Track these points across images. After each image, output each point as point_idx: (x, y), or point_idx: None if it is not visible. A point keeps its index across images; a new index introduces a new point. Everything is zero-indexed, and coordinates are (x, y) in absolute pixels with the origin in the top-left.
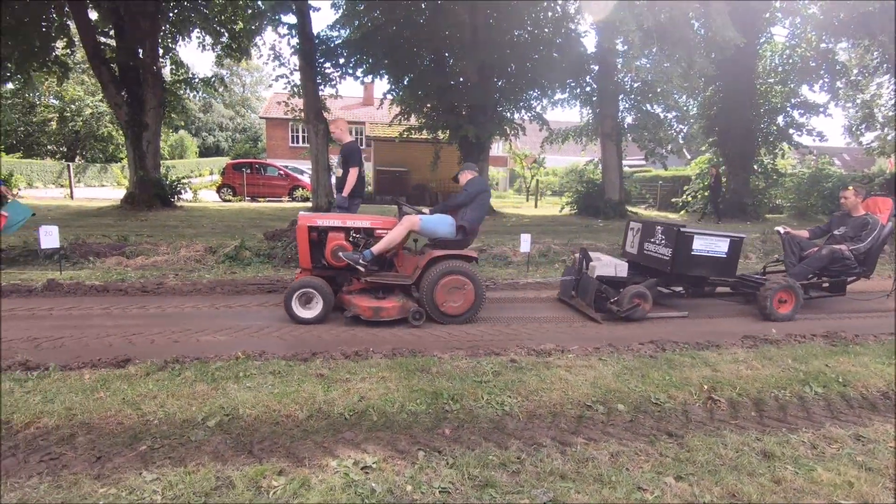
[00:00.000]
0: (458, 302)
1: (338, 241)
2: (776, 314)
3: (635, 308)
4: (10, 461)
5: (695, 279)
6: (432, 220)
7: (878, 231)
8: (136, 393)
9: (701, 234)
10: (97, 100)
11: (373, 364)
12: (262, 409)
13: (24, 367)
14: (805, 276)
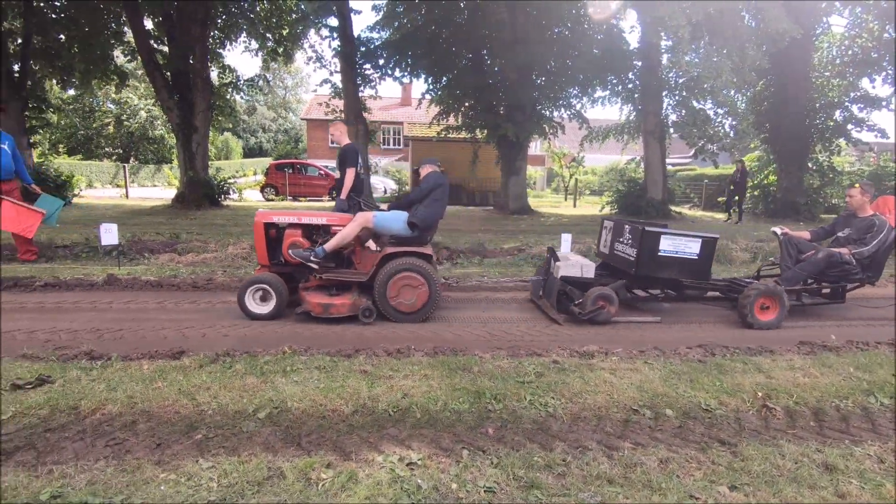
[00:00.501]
0: (411, 300)
1: (294, 237)
2: (758, 321)
3: (599, 311)
4: (79, 444)
5: (664, 282)
6: (385, 217)
7: (886, 233)
8: (190, 384)
9: (669, 234)
10: (150, 104)
11: (415, 362)
12: (309, 402)
13: (89, 356)
14: (797, 281)
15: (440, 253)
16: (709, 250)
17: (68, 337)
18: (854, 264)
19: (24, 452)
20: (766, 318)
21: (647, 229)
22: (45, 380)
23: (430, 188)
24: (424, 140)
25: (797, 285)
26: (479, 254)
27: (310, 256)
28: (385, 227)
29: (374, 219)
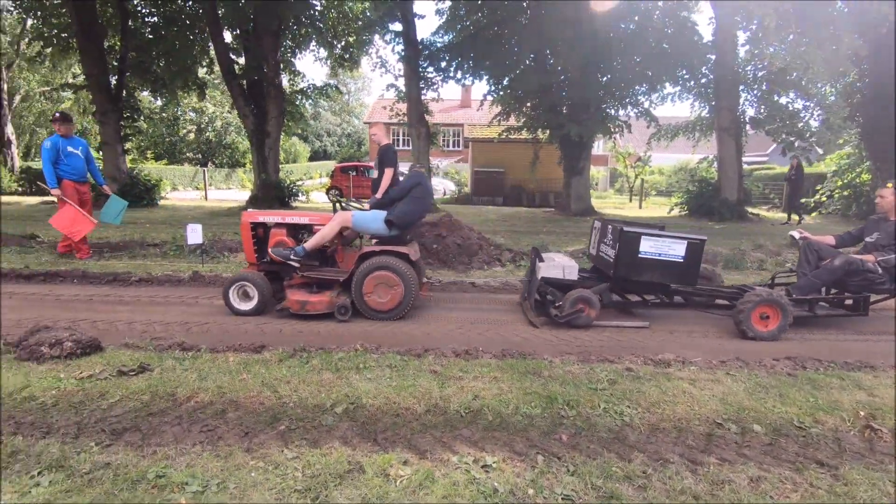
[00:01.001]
0: (385, 298)
1: (279, 237)
2: (756, 332)
3: (578, 314)
4: (177, 429)
5: (646, 285)
6: (364, 217)
7: None
8: (272, 376)
9: (650, 236)
10: (225, 111)
11: (483, 364)
12: (383, 400)
13: (182, 347)
14: (811, 290)
15: (503, 254)
16: (695, 253)
17: (161, 329)
18: (879, 273)
19: (131, 434)
20: (766, 328)
21: (625, 229)
22: (145, 367)
23: (410, 186)
24: (484, 141)
25: (810, 294)
26: None
27: (290, 255)
28: (363, 227)
29: (353, 218)
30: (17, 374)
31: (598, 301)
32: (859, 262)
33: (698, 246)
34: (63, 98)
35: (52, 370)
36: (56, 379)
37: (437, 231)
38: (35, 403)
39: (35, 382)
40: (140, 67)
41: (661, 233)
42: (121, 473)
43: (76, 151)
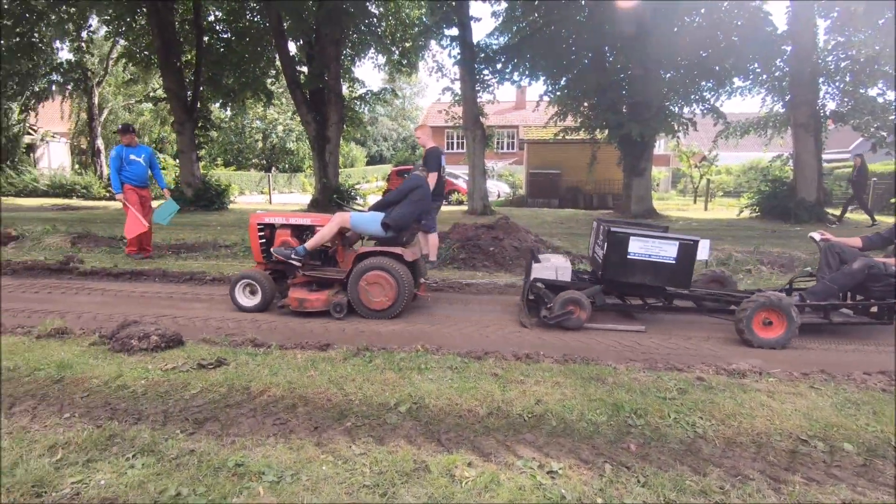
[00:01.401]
0: (379, 297)
1: (284, 237)
2: (758, 339)
3: (567, 315)
4: (252, 421)
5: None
6: (362, 218)
7: None
8: (338, 374)
9: (640, 236)
10: (287, 118)
11: (545, 368)
12: (446, 401)
13: (254, 343)
14: (827, 295)
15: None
16: (688, 254)
17: (234, 325)
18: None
19: (212, 423)
20: (769, 335)
21: (612, 229)
22: (222, 362)
23: (408, 189)
24: (540, 143)
25: (827, 300)
26: None
27: (291, 255)
28: (361, 228)
29: (351, 219)
30: (111, 364)
31: (588, 303)
32: (881, 265)
33: (691, 247)
34: (143, 110)
35: (141, 361)
36: (144, 370)
37: (493, 234)
38: (127, 391)
39: (126, 372)
40: (213, 80)
41: (651, 233)
42: (204, 460)
43: (138, 159)
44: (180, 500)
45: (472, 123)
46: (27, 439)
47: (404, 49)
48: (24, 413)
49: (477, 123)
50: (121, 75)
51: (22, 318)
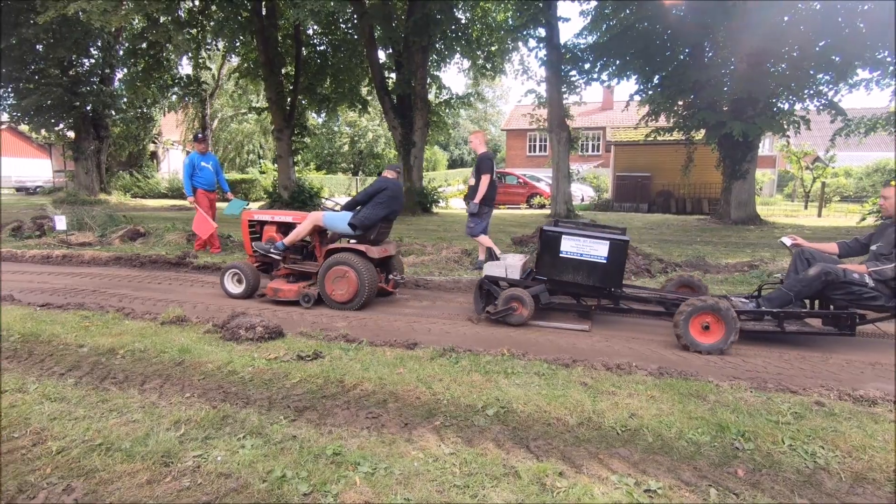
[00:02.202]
0: (342, 290)
1: (270, 232)
2: (696, 343)
3: (510, 311)
4: (347, 413)
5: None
6: (333, 217)
7: None
8: (425, 373)
9: (571, 235)
10: (375, 124)
11: (638, 380)
12: (534, 407)
13: (346, 339)
14: (783, 301)
15: (653, 265)
16: (619, 254)
17: (327, 320)
18: (869, 286)
19: (310, 412)
20: (707, 340)
21: (544, 228)
22: (318, 354)
23: (374, 191)
24: (628, 144)
25: (784, 307)
26: (698, 268)
27: (270, 249)
28: (333, 226)
29: (324, 218)
30: (223, 351)
31: (531, 301)
32: (840, 272)
33: (622, 246)
34: (248, 119)
35: (248, 350)
36: (251, 358)
37: None
38: (237, 377)
39: (236, 359)
40: (309, 90)
41: (583, 232)
42: (305, 446)
43: (208, 165)
44: (285, 482)
45: (557, 126)
46: (156, 414)
47: (490, 53)
48: (153, 390)
49: (562, 125)
50: (231, 88)
51: (149, 306)
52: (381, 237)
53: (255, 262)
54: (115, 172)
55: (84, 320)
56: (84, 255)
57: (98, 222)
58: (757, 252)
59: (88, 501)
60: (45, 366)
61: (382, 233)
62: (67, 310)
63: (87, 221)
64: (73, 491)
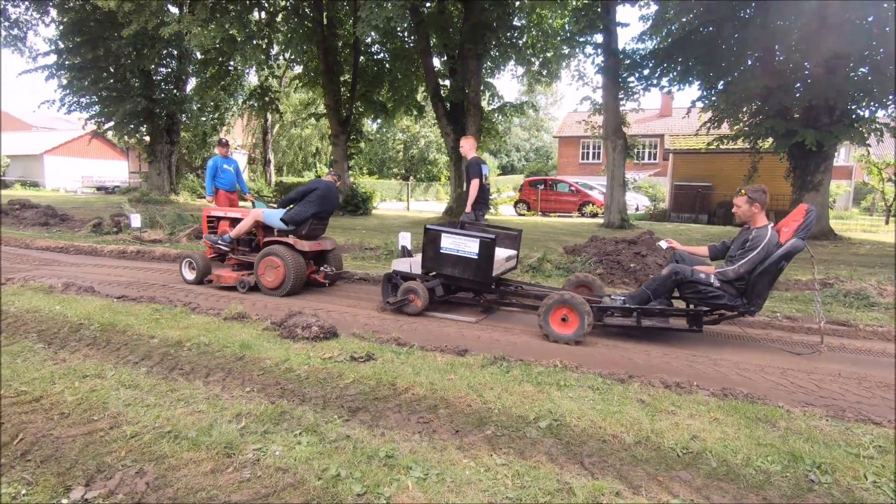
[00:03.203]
0: (271, 278)
1: (224, 227)
2: (555, 333)
3: (406, 302)
4: (398, 416)
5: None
6: (269, 214)
7: (763, 250)
8: (476, 381)
9: (450, 233)
10: (428, 130)
11: (699, 401)
12: (588, 422)
13: (397, 342)
14: (642, 299)
15: None
16: (487, 251)
17: (379, 323)
18: (714, 286)
19: (363, 413)
20: (564, 331)
21: (427, 226)
22: (371, 356)
23: (306, 191)
24: (688, 153)
25: (642, 304)
26: None
27: (217, 241)
28: (270, 222)
29: (263, 214)
30: (280, 348)
31: (426, 293)
32: (688, 272)
33: (489, 244)
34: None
35: (304, 349)
36: (307, 356)
37: (635, 249)
38: (293, 374)
39: (292, 357)
40: (366, 97)
41: (459, 231)
42: (358, 447)
43: (229, 168)
44: (340, 481)
45: (612, 133)
46: (219, 405)
47: (545, 59)
48: (217, 382)
49: (618, 133)
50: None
51: (212, 302)
52: (315, 233)
53: (212, 254)
54: (184, 174)
55: (155, 313)
56: (155, 252)
57: (168, 221)
58: (831, 270)
59: (159, 485)
60: (120, 354)
61: (316, 229)
62: (140, 302)
63: (159, 220)
64: (144, 474)
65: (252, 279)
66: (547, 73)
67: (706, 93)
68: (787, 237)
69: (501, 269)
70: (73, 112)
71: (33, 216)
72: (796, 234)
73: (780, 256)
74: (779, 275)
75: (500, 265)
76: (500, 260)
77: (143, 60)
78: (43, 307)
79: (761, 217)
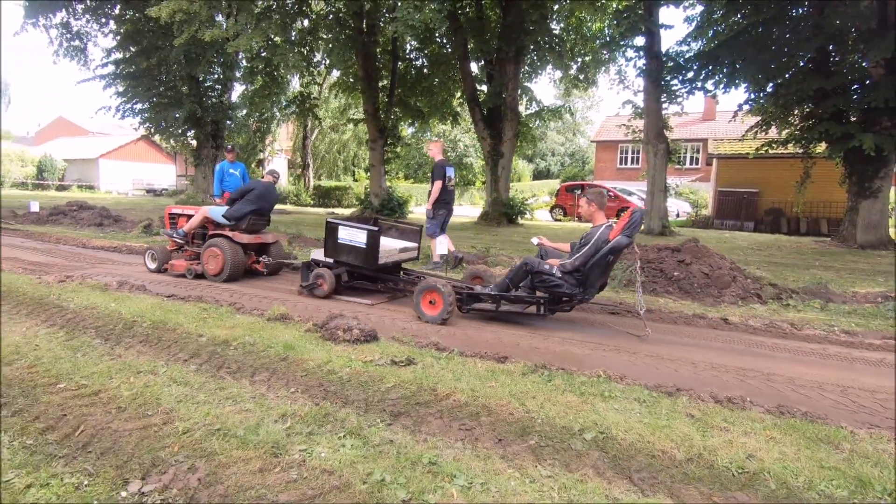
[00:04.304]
0: (212, 265)
1: (182, 222)
2: (423, 314)
3: (315, 285)
4: (440, 422)
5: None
6: (215, 210)
7: (594, 246)
8: (518, 389)
9: (345, 225)
10: (463, 133)
11: (754, 418)
12: (636, 436)
13: (437, 347)
14: (503, 287)
15: (764, 289)
16: (373, 241)
17: (417, 328)
18: (556, 276)
19: (405, 418)
20: (431, 312)
21: (328, 220)
22: (411, 361)
23: (245, 191)
24: (733, 157)
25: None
26: (819, 296)
27: (173, 234)
28: (215, 218)
29: (209, 211)
30: (322, 350)
31: (332, 279)
32: (536, 263)
33: (374, 235)
34: (345, 130)
35: (345, 351)
36: (348, 359)
37: (678, 257)
38: (335, 377)
39: (334, 359)
40: (403, 102)
41: (351, 223)
42: (402, 452)
43: (235, 172)
44: (384, 486)
45: (654, 137)
46: (265, 405)
47: (583, 63)
48: (262, 382)
49: (660, 137)
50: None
51: (255, 302)
52: (256, 227)
53: (174, 247)
54: None
55: (202, 312)
56: None
57: None
58: (891, 281)
59: (210, 482)
60: (171, 352)
61: (257, 223)
62: (188, 301)
63: None
64: (196, 470)
65: (199, 267)
66: (585, 77)
67: (754, 95)
68: (615, 235)
69: (394, 259)
70: (126, 118)
71: (89, 217)
72: (622, 232)
73: (608, 251)
74: (608, 268)
75: (390, 254)
76: (392, 250)
77: (192, 66)
78: (99, 304)
79: (599, 216)
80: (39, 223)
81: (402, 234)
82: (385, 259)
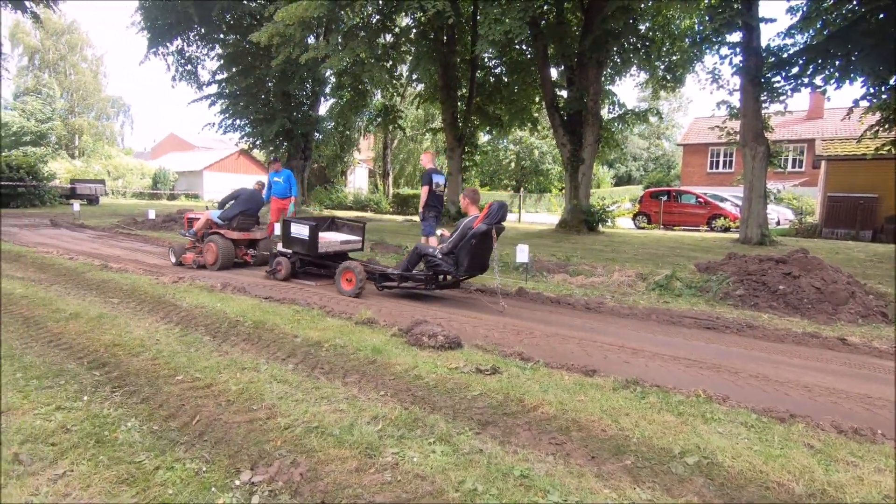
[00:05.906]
0: (209, 257)
1: (194, 224)
2: (342, 290)
3: (277, 271)
4: (528, 434)
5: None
6: (214, 213)
7: (461, 232)
8: (609, 405)
9: (296, 222)
10: (541, 141)
11: (886, 453)
12: (745, 464)
13: (521, 357)
14: (405, 267)
15: (889, 307)
16: (313, 234)
17: (499, 336)
18: (438, 257)
19: (493, 427)
20: (347, 288)
21: (285, 219)
22: (496, 370)
23: (231, 197)
24: (847, 159)
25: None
26: None
27: (187, 234)
28: (214, 219)
29: (211, 214)
30: (408, 355)
31: (288, 265)
32: (423, 247)
33: (314, 228)
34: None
35: (430, 357)
36: (434, 365)
37: (784, 269)
38: (422, 382)
39: (420, 365)
40: (481, 110)
41: (300, 219)
42: (492, 462)
43: (279, 180)
44: (477, 496)
45: (752, 139)
46: (357, 406)
47: (671, 63)
48: (353, 384)
49: (759, 139)
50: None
51: (343, 306)
52: (245, 226)
53: (191, 244)
54: (314, 186)
55: (296, 314)
56: None
57: None
58: None
59: (311, 477)
60: (270, 351)
61: (245, 223)
62: (283, 303)
63: None
64: (298, 465)
65: (202, 259)
66: (672, 77)
67: (874, 90)
68: (478, 223)
69: (335, 249)
70: (227, 133)
71: None
72: (483, 221)
73: (471, 236)
74: (474, 250)
75: (331, 245)
76: (334, 242)
77: (285, 83)
78: (207, 304)
79: (472, 210)
80: (154, 229)
81: (351, 230)
82: (325, 249)
